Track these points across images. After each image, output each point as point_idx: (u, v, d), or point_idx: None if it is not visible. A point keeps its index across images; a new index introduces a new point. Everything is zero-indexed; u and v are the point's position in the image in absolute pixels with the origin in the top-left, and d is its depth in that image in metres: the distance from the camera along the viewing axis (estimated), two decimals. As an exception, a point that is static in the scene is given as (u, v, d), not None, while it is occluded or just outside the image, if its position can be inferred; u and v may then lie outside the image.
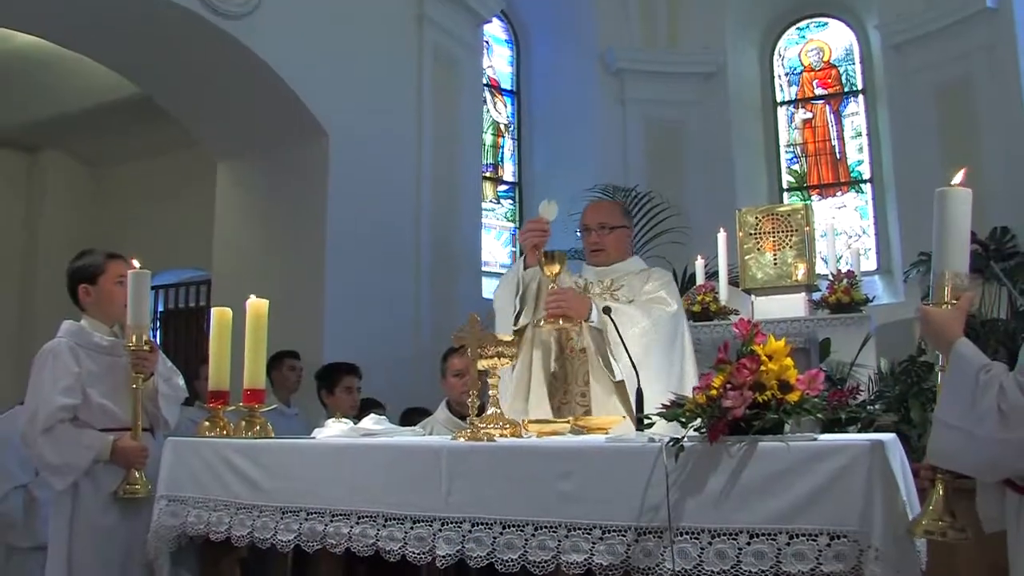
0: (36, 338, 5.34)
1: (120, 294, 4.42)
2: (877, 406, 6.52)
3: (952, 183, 2.75)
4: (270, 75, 8.10)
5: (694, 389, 2.87)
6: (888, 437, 2.79)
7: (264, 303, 4.29)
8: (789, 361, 2.75)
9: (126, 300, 4.41)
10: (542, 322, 4.13)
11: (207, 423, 4.16)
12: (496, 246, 11.93)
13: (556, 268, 4.08)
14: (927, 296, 2.82)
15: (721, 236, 7.71)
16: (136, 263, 4.37)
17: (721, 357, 2.81)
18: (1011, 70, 10.00)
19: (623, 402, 4.07)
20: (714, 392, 2.75)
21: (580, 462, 2.98)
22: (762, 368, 2.71)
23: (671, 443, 2.75)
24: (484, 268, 10.91)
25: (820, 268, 8.11)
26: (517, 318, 4.32)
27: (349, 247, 8.61)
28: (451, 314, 9.16)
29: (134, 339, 4.30)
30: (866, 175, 12.28)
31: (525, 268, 4.38)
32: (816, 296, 7.51)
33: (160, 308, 11.31)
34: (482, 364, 3.60)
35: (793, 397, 2.72)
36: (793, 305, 7.31)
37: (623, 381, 4.03)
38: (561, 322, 4.07)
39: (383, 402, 7.20)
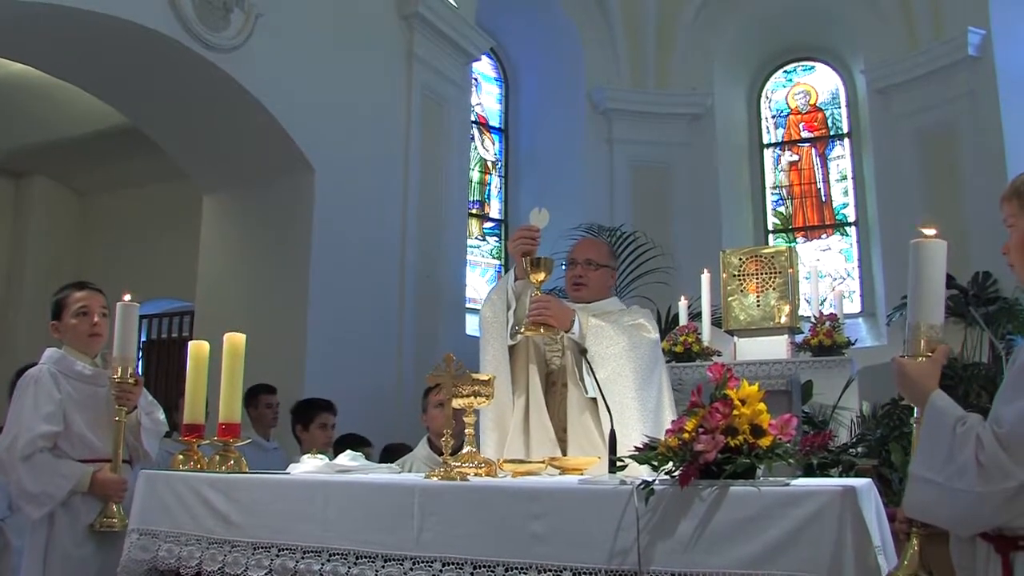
0: (16, 366, 5.32)
1: (82, 325, 4.44)
2: (859, 449, 6.52)
3: (926, 234, 2.74)
4: (258, 109, 8.13)
5: (667, 431, 2.85)
6: (862, 482, 2.78)
7: (241, 337, 4.26)
8: (762, 406, 2.74)
9: (89, 329, 4.43)
10: (523, 329, 4.12)
11: (181, 456, 4.12)
12: (481, 283, 11.92)
13: (542, 276, 4.06)
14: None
15: (705, 277, 7.72)
16: (127, 296, 4.36)
17: (694, 401, 2.80)
18: (992, 116, 10.14)
19: (595, 421, 4.09)
20: (686, 436, 2.74)
21: (552, 503, 2.95)
22: (735, 412, 2.70)
23: (642, 486, 2.73)
24: (468, 305, 10.90)
25: (803, 310, 8.13)
26: (512, 333, 4.30)
27: (333, 282, 8.60)
28: (434, 350, 9.15)
29: (119, 371, 4.28)
30: (851, 218, 12.36)
31: (515, 280, 4.37)
32: (799, 338, 7.52)
33: (143, 338, 11.26)
34: (458, 403, 3.58)
35: (765, 442, 2.70)
36: (775, 347, 7.32)
37: (596, 399, 4.04)
38: (542, 330, 4.07)
39: (368, 439, 7.18)
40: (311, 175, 8.61)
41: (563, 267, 4.70)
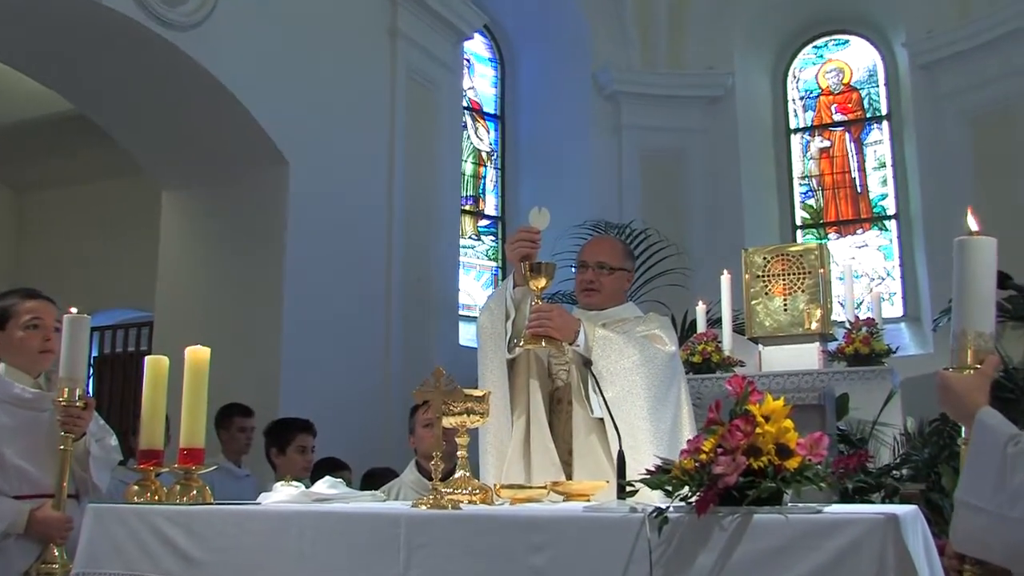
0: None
1: (32, 339, 4.35)
2: (903, 472, 6.50)
3: (971, 230, 2.73)
4: (222, 94, 8.12)
5: (682, 452, 2.84)
6: (907, 510, 2.74)
7: (205, 351, 4.22)
8: (788, 423, 2.72)
9: (41, 345, 4.35)
10: (521, 341, 4.13)
11: (136, 487, 4.01)
12: (475, 287, 11.93)
13: (542, 282, 4.07)
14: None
15: (725, 278, 7.72)
16: (74, 309, 4.27)
17: (712, 417, 2.78)
18: (1057, 93, 10.06)
19: (603, 443, 4.09)
20: (704, 457, 2.72)
21: (554, 533, 2.94)
22: (758, 430, 2.68)
23: (655, 514, 2.72)
24: (462, 312, 10.91)
25: (837, 315, 8.10)
26: (511, 346, 4.31)
27: (310, 288, 8.60)
28: (425, 363, 9.13)
29: (66, 393, 4.16)
30: (890, 211, 12.34)
31: (515, 287, 4.37)
32: (832, 346, 7.51)
33: (94, 353, 11.21)
34: (448, 422, 3.57)
35: (793, 463, 2.68)
36: (805, 356, 7.31)
37: (603, 419, 4.04)
38: (543, 343, 4.08)
39: (347, 464, 7.17)
40: (284, 168, 8.61)
41: (572, 269, 4.71)
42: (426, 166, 10.25)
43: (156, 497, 4.00)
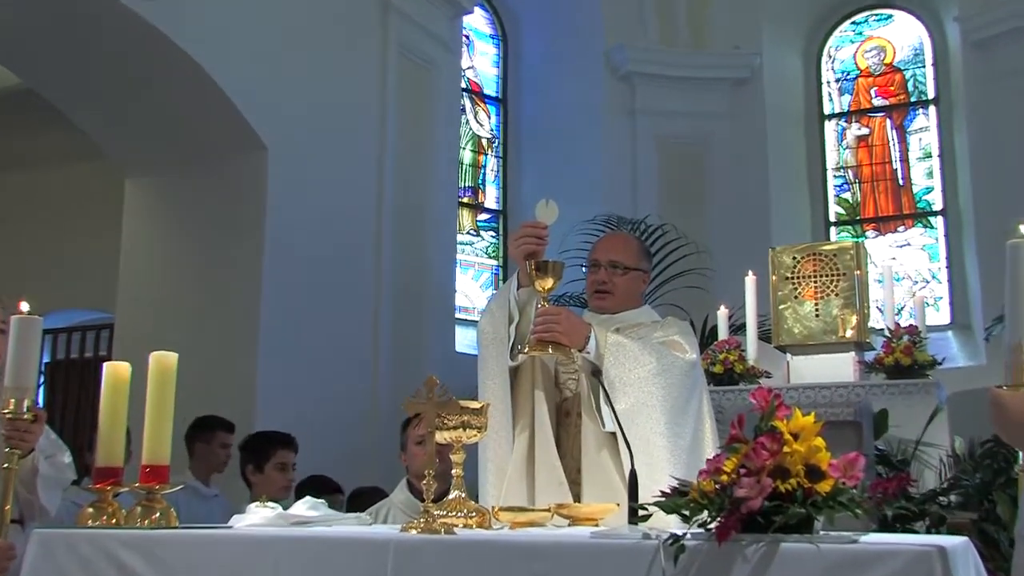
0: None
1: None
2: (951, 498, 6.47)
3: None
4: (193, 70, 8.11)
5: (701, 473, 2.82)
6: (957, 541, 2.73)
7: (172, 357, 4.19)
8: (820, 441, 2.71)
9: None
10: (526, 347, 4.15)
11: (91, 509, 3.96)
12: (474, 288, 11.95)
13: (549, 282, 4.12)
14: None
15: (750, 280, 7.70)
16: (25, 306, 4.25)
17: (735, 434, 2.77)
18: None
19: (616, 460, 4.10)
20: (725, 478, 2.71)
21: (558, 561, 2.93)
22: (785, 449, 2.67)
23: (670, 541, 2.71)
24: (459, 315, 10.92)
25: (875, 321, 8.09)
26: (514, 353, 4.33)
27: (291, 288, 8.61)
28: (417, 371, 9.07)
29: (12, 404, 4.09)
30: (937, 206, 12.35)
31: (519, 288, 4.38)
32: (869, 356, 7.49)
33: (46, 358, 11.20)
34: (442, 437, 3.57)
35: (824, 487, 2.67)
36: (839, 367, 7.28)
37: (615, 434, 4.04)
38: (550, 349, 4.10)
39: (338, 484, 7.17)
40: (262, 154, 8.62)
41: (583, 269, 4.71)
42: (420, 154, 10.26)
43: (113, 520, 3.95)
